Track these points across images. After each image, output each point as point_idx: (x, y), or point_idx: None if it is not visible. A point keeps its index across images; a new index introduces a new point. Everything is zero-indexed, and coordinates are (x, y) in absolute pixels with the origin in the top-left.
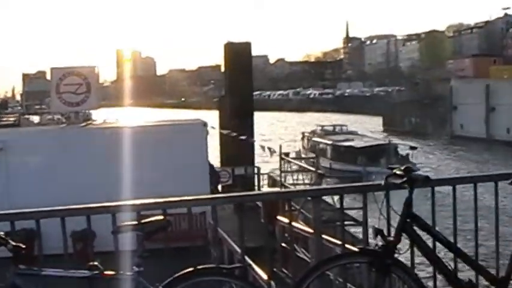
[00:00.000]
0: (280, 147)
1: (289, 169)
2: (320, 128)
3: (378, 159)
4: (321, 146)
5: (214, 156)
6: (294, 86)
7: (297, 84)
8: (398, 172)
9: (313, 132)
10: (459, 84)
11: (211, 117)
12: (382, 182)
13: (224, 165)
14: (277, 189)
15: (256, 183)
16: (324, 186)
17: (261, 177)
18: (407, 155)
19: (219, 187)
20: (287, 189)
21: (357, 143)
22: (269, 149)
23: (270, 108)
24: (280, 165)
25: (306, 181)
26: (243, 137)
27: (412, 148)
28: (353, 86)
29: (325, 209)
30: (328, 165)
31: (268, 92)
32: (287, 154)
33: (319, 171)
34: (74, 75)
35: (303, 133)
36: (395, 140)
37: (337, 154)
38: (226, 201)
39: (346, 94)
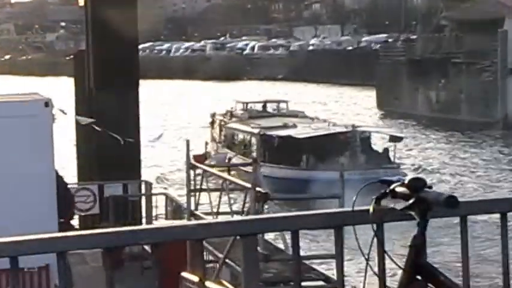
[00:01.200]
0: (188, 144)
1: (204, 185)
2: (242, 106)
3: (334, 158)
4: (241, 136)
5: (65, 163)
6: (214, 33)
7: (221, 31)
8: (398, 189)
9: (230, 114)
10: None
11: (61, 90)
12: (370, 208)
13: (84, 180)
14: (182, 221)
15: (144, 211)
16: (268, 215)
17: (154, 199)
18: (386, 150)
19: (75, 219)
20: (200, 222)
21: (300, 132)
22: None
23: (171, 74)
24: (189, 178)
25: (236, 207)
26: (113, 134)
27: (395, 139)
28: (323, 32)
29: (272, 256)
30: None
31: (167, 45)
32: (202, 157)
33: (260, 188)
34: None
35: (212, 116)
36: (393, 131)
37: (269, 150)
38: (86, 244)
39: (311, 48)
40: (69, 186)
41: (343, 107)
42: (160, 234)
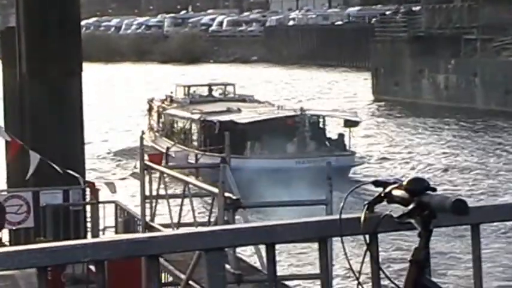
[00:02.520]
0: (142, 140)
1: (162, 191)
2: (183, 90)
3: (281, 145)
4: (180, 123)
5: None
6: (174, 5)
7: (182, 2)
8: (396, 192)
9: (170, 100)
10: None
11: None
12: (362, 216)
13: (15, 185)
14: (137, 235)
15: (89, 223)
16: (237, 225)
17: (101, 209)
18: (341, 136)
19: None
20: (155, 234)
21: (243, 116)
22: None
23: (120, 56)
24: (143, 182)
25: (201, 217)
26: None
27: (350, 123)
28: (306, 4)
29: (245, 277)
30: (193, 159)
31: (116, 20)
32: (159, 157)
33: (229, 194)
34: None
35: (150, 101)
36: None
37: (210, 138)
38: (15, 263)
39: (291, 23)
40: None
41: (330, 95)
42: (106, 249)
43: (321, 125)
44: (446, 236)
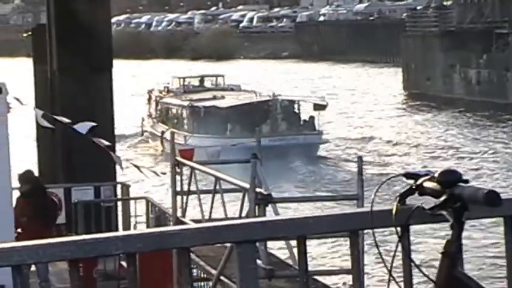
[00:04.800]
0: (173, 136)
1: (193, 186)
2: (178, 81)
3: (256, 125)
4: (174, 110)
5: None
6: (204, 1)
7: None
8: (427, 184)
9: (167, 90)
10: None
11: (17, 73)
12: (393, 208)
13: (47, 182)
14: (169, 227)
15: (120, 219)
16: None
17: (132, 205)
18: (312, 118)
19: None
20: (186, 227)
21: (223, 102)
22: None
23: (151, 53)
24: (174, 178)
25: (232, 213)
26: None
27: (318, 107)
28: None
29: (276, 272)
30: (183, 141)
31: (146, 17)
32: (190, 153)
33: (260, 190)
34: None
35: (149, 92)
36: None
37: (197, 121)
38: (47, 256)
39: (322, 18)
40: (46, 188)
41: (360, 92)
42: (137, 241)
43: (295, 109)
44: (478, 228)
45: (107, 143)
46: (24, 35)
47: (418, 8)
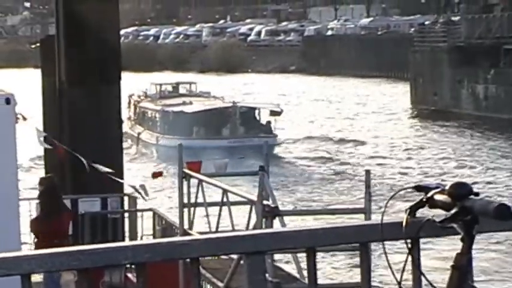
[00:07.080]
0: (181, 149)
1: (200, 199)
2: (155, 87)
3: (218, 129)
4: (149, 114)
5: (27, 171)
6: (212, 15)
7: (220, 12)
8: (438, 196)
9: (145, 95)
10: None
11: (25, 85)
12: (403, 220)
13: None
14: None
15: (127, 230)
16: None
17: (139, 217)
18: (268, 123)
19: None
20: (195, 237)
21: (190, 108)
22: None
23: (159, 65)
24: (181, 190)
25: (240, 225)
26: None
27: (274, 113)
28: (344, 14)
29: (283, 285)
30: (155, 141)
31: (154, 29)
32: (198, 165)
33: (267, 202)
34: None
35: (129, 97)
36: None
37: (167, 124)
38: (57, 265)
39: (330, 33)
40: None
41: (367, 106)
42: (146, 251)
43: (255, 115)
44: (489, 242)
45: (106, 169)
46: (33, 46)
47: (426, 23)
